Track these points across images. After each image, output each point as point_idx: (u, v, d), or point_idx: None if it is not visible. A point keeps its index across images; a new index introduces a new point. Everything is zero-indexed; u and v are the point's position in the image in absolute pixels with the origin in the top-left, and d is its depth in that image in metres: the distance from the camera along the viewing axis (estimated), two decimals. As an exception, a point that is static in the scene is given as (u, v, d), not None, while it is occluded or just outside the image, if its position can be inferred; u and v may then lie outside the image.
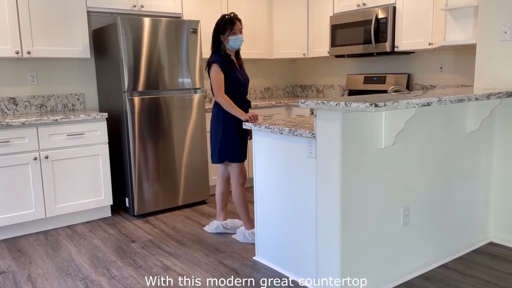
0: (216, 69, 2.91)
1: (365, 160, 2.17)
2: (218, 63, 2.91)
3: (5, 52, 3.32)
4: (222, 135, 2.98)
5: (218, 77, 2.91)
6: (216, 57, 2.94)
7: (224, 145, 2.99)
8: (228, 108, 2.92)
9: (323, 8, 4.52)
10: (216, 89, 2.93)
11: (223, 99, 2.92)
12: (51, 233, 3.34)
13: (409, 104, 1.96)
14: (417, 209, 2.48)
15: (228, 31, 2.93)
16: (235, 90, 2.99)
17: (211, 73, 2.94)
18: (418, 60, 4.12)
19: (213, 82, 2.93)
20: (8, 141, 3.13)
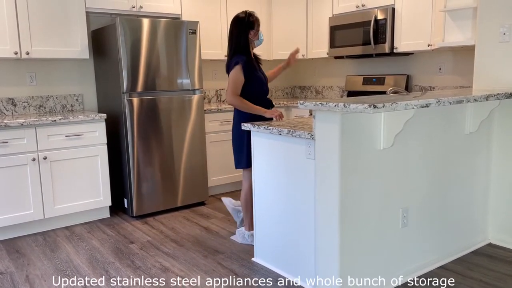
0: (239, 70, 2.79)
1: (364, 161, 2.17)
2: (242, 64, 2.79)
3: (3, 53, 3.32)
4: (247, 139, 2.79)
5: (236, 78, 2.80)
6: (241, 58, 2.81)
7: (247, 149, 2.84)
8: (246, 109, 2.83)
9: (322, 9, 4.53)
10: (230, 91, 2.81)
11: (238, 101, 2.82)
12: (49, 234, 3.33)
13: (407, 105, 1.96)
14: (416, 210, 2.48)
15: (256, 25, 2.88)
16: (259, 89, 2.91)
17: (231, 74, 2.81)
18: (417, 61, 4.12)
19: (230, 83, 2.81)
20: (6, 142, 3.12)
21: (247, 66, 2.81)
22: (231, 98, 2.83)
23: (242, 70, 2.79)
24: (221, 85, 4.91)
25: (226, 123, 4.23)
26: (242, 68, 2.79)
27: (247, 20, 2.86)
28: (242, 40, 2.85)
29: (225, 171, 4.28)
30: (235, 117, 2.97)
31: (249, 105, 2.83)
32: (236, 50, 2.86)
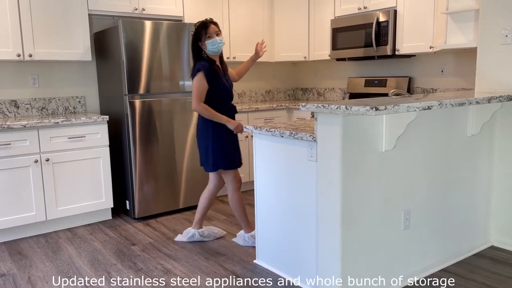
0: (201, 77, 2.80)
1: (365, 163, 2.17)
2: (204, 71, 2.80)
3: (6, 55, 3.33)
4: (213, 143, 2.89)
5: (200, 85, 2.80)
6: (202, 64, 2.83)
7: (217, 153, 2.90)
8: (210, 116, 2.84)
9: (324, 12, 4.53)
10: (196, 98, 2.82)
11: (203, 108, 2.82)
12: (51, 236, 3.34)
13: (410, 107, 1.96)
14: (418, 213, 2.48)
15: (203, 35, 2.83)
16: (222, 97, 2.91)
17: (194, 80, 2.82)
18: (419, 64, 4.12)
19: (195, 90, 2.82)
20: (9, 144, 3.13)
21: (209, 73, 2.81)
22: (196, 106, 2.83)
23: (205, 77, 2.79)
24: (223, 87, 4.91)
25: (228, 125, 4.23)
26: (204, 75, 2.79)
27: (195, 31, 2.86)
28: (195, 50, 2.88)
29: (227, 173, 4.27)
30: (199, 122, 2.97)
31: (213, 113, 2.83)
32: (194, 59, 2.91)
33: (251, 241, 3.01)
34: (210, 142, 2.90)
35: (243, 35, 4.63)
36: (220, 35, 2.87)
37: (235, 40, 4.57)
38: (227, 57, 4.54)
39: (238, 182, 3.04)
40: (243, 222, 3.07)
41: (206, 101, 2.85)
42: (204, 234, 3.17)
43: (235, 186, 3.02)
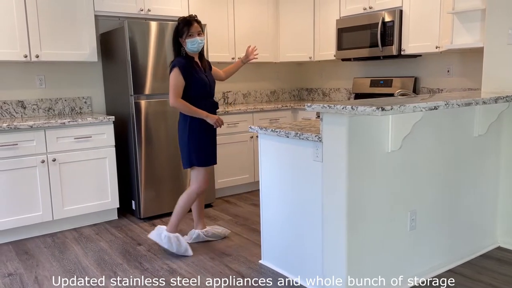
0: (176, 73, 2.79)
1: (371, 163, 2.16)
2: (179, 66, 2.78)
3: (13, 56, 3.36)
4: (189, 138, 2.88)
5: (176, 81, 2.79)
6: (178, 60, 2.82)
7: (193, 149, 2.89)
8: (189, 112, 2.83)
9: (329, 12, 4.53)
10: (172, 94, 2.80)
11: (180, 104, 2.81)
12: (58, 236, 3.36)
13: (416, 107, 1.96)
14: (424, 213, 2.47)
15: (185, 33, 2.81)
16: (200, 91, 2.88)
17: (170, 76, 2.81)
18: (425, 64, 4.11)
19: (171, 86, 2.80)
20: (16, 144, 3.15)
21: (185, 68, 2.79)
22: (174, 101, 2.81)
23: (180, 73, 2.78)
24: (228, 87, 4.93)
25: (232, 126, 4.24)
26: (180, 71, 2.78)
27: (178, 27, 2.84)
28: (175, 45, 2.87)
29: (232, 173, 4.29)
30: (179, 119, 2.96)
31: (191, 108, 2.82)
32: (174, 55, 2.90)
33: (165, 241, 2.89)
34: (186, 138, 2.88)
35: (247, 36, 4.63)
36: (201, 35, 2.86)
37: (239, 41, 4.58)
38: (232, 57, 4.55)
39: (206, 184, 2.98)
40: (174, 222, 2.94)
41: (185, 97, 2.83)
42: (208, 234, 3.16)
43: (199, 188, 2.94)
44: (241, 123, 4.29)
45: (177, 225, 2.95)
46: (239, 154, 4.32)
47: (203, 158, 2.92)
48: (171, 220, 2.95)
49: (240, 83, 5.03)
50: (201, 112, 2.85)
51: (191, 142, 2.89)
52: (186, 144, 2.90)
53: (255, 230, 3.33)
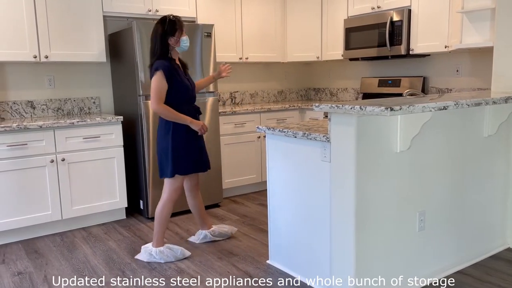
0: (160, 76, 2.65)
1: (380, 164, 2.15)
2: (164, 70, 2.66)
3: (23, 56, 3.39)
4: (172, 146, 2.74)
5: (160, 85, 2.65)
6: (161, 63, 2.67)
7: (176, 158, 2.76)
8: (172, 118, 2.71)
9: (337, 11, 4.51)
10: (156, 99, 2.66)
11: (163, 109, 2.68)
12: (67, 235, 3.38)
13: (425, 107, 1.95)
14: (433, 214, 2.45)
15: (178, 32, 2.72)
16: (183, 97, 2.78)
17: (153, 80, 2.67)
18: (434, 63, 4.08)
19: (154, 90, 2.65)
20: (25, 144, 3.18)
21: (169, 72, 2.67)
22: (156, 106, 2.68)
23: (164, 76, 2.66)
24: (235, 87, 4.93)
25: (240, 126, 4.24)
26: (163, 74, 2.66)
27: (167, 27, 2.71)
28: (161, 47, 2.71)
29: (239, 173, 4.29)
30: (160, 125, 2.82)
31: (174, 113, 2.70)
32: (155, 57, 2.73)
33: (158, 256, 2.82)
34: (170, 145, 2.74)
35: (255, 36, 4.64)
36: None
37: (247, 41, 4.58)
38: (239, 57, 4.56)
39: (179, 194, 2.89)
40: (158, 235, 2.86)
41: (167, 102, 2.71)
42: (215, 233, 3.15)
43: (173, 196, 2.85)
44: (248, 123, 4.29)
45: (162, 237, 2.88)
46: (246, 154, 4.32)
47: (188, 166, 2.81)
48: (155, 236, 2.87)
49: (247, 83, 5.04)
50: (185, 117, 2.74)
51: (174, 150, 2.75)
52: (168, 152, 2.75)
53: (262, 230, 3.33)
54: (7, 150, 3.12)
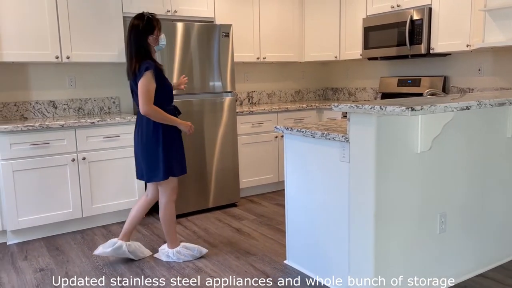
0: (150, 77, 2.54)
1: (400, 164, 2.13)
2: (152, 70, 2.55)
3: (46, 57, 3.46)
4: (164, 149, 2.65)
5: (150, 86, 2.54)
6: (150, 63, 2.56)
7: (169, 160, 2.67)
8: (163, 119, 2.62)
9: (356, 10, 4.47)
10: (146, 100, 2.54)
11: (154, 111, 2.57)
12: (87, 233, 3.44)
13: (447, 107, 1.91)
14: (455, 216, 2.41)
15: (156, 29, 2.64)
16: (168, 97, 2.71)
17: (143, 81, 2.53)
18: (455, 62, 4.01)
19: (144, 92, 2.53)
20: (48, 143, 3.25)
21: (156, 72, 2.59)
22: (147, 108, 2.55)
23: (153, 77, 2.56)
24: (252, 87, 4.94)
25: (257, 126, 4.25)
26: (153, 74, 2.55)
27: (145, 25, 2.61)
28: (141, 46, 2.60)
29: (256, 173, 4.29)
30: (145, 127, 2.68)
31: (166, 115, 2.62)
32: (139, 57, 2.59)
33: (176, 257, 2.81)
34: (161, 148, 2.65)
35: (273, 36, 4.63)
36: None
37: (265, 40, 4.58)
38: (257, 57, 4.56)
39: (176, 193, 2.83)
40: (171, 237, 2.83)
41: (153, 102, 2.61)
42: (131, 248, 2.85)
43: (172, 197, 2.78)
44: (265, 123, 4.29)
45: (175, 237, 2.86)
46: (264, 154, 4.32)
47: (179, 167, 2.77)
48: (168, 238, 2.85)
49: (264, 83, 5.04)
50: (174, 119, 2.68)
51: (167, 152, 2.66)
52: (159, 155, 2.65)
53: (279, 230, 3.32)
54: (30, 149, 3.19)
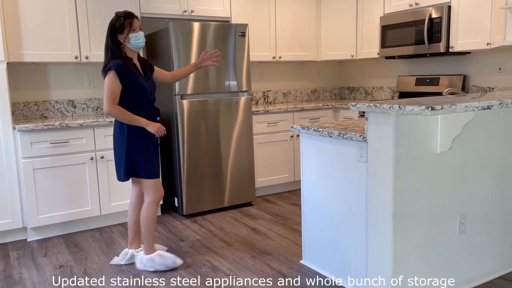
0: (113, 77, 2.50)
1: (419, 165, 2.10)
2: (116, 70, 2.50)
3: (65, 57, 3.52)
4: (128, 149, 2.59)
5: (112, 86, 2.50)
6: (115, 63, 2.52)
7: (132, 160, 2.60)
8: (126, 120, 2.55)
9: (373, 9, 4.43)
10: (109, 100, 2.50)
11: (117, 111, 2.52)
12: (105, 230, 3.49)
13: (468, 107, 1.88)
14: (475, 217, 2.37)
15: (127, 28, 2.55)
16: (139, 97, 2.61)
17: (105, 81, 2.52)
18: (475, 61, 3.94)
19: (106, 91, 2.51)
20: (67, 142, 3.30)
21: (122, 71, 2.51)
22: (109, 108, 2.51)
23: (117, 77, 2.50)
24: (268, 86, 4.93)
25: (273, 125, 4.24)
26: (116, 74, 2.50)
27: (115, 24, 2.57)
28: (112, 45, 2.57)
29: (272, 172, 4.29)
30: (114, 126, 2.67)
31: (129, 115, 2.54)
32: (107, 56, 2.59)
33: (149, 264, 2.69)
34: (125, 148, 2.59)
35: (289, 35, 4.62)
36: (141, 31, 2.64)
37: (281, 39, 4.57)
38: (273, 56, 4.55)
39: (160, 195, 2.74)
40: (147, 241, 2.70)
41: (123, 103, 2.56)
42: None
43: (155, 198, 2.69)
44: (281, 122, 4.29)
45: (152, 243, 2.74)
46: (279, 153, 4.32)
47: (150, 170, 2.66)
48: (144, 243, 2.73)
49: (280, 82, 5.03)
50: (139, 119, 2.58)
51: (131, 154, 2.60)
52: (124, 156, 2.60)
53: (295, 230, 3.31)
54: (50, 147, 3.24)
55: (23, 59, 3.38)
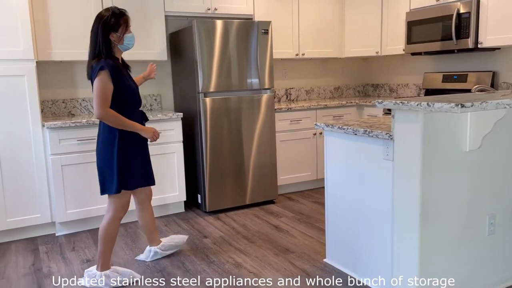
0: (106, 77, 2.29)
1: (447, 163, 2.05)
2: (108, 69, 2.30)
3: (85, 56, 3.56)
4: (118, 158, 2.41)
5: (105, 87, 2.30)
6: (107, 62, 2.32)
7: (124, 171, 2.44)
8: (120, 125, 2.38)
9: (399, 4, 4.35)
10: (101, 103, 2.30)
11: (110, 115, 2.33)
12: (130, 226, 3.55)
13: (499, 104, 1.83)
14: (505, 218, 2.30)
15: (123, 27, 2.39)
16: (129, 101, 2.46)
17: (97, 82, 2.30)
18: (505, 57, 3.82)
19: (99, 93, 2.30)
20: (94, 139, 3.30)
21: (114, 72, 2.34)
22: (102, 112, 2.31)
23: (109, 77, 2.31)
24: (291, 84, 4.91)
25: (295, 123, 4.23)
26: (109, 75, 2.31)
27: (108, 20, 2.36)
28: (102, 43, 2.36)
29: (294, 170, 4.28)
30: (101, 132, 2.47)
31: (124, 120, 2.37)
32: (97, 54, 2.37)
33: (104, 281, 2.47)
34: (116, 157, 2.40)
35: (311, 32, 4.59)
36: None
37: (304, 36, 4.54)
38: (296, 53, 4.53)
39: (125, 210, 2.57)
40: (104, 257, 2.52)
41: (111, 106, 2.36)
42: (166, 247, 2.86)
43: (120, 213, 2.53)
44: (304, 120, 4.27)
45: (108, 260, 2.55)
46: (302, 151, 4.30)
47: (140, 179, 2.56)
48: (99, 258, 2.53)
49: (303, 80, 5.00)
50: (134, 124, 2.43)
51: (121, 162, 2.43)
52: (113, 165, 2.42)
53: (318, 228, 3.30)
54: (78, 144, 3.32)
55: (51, 58, 3.46)
